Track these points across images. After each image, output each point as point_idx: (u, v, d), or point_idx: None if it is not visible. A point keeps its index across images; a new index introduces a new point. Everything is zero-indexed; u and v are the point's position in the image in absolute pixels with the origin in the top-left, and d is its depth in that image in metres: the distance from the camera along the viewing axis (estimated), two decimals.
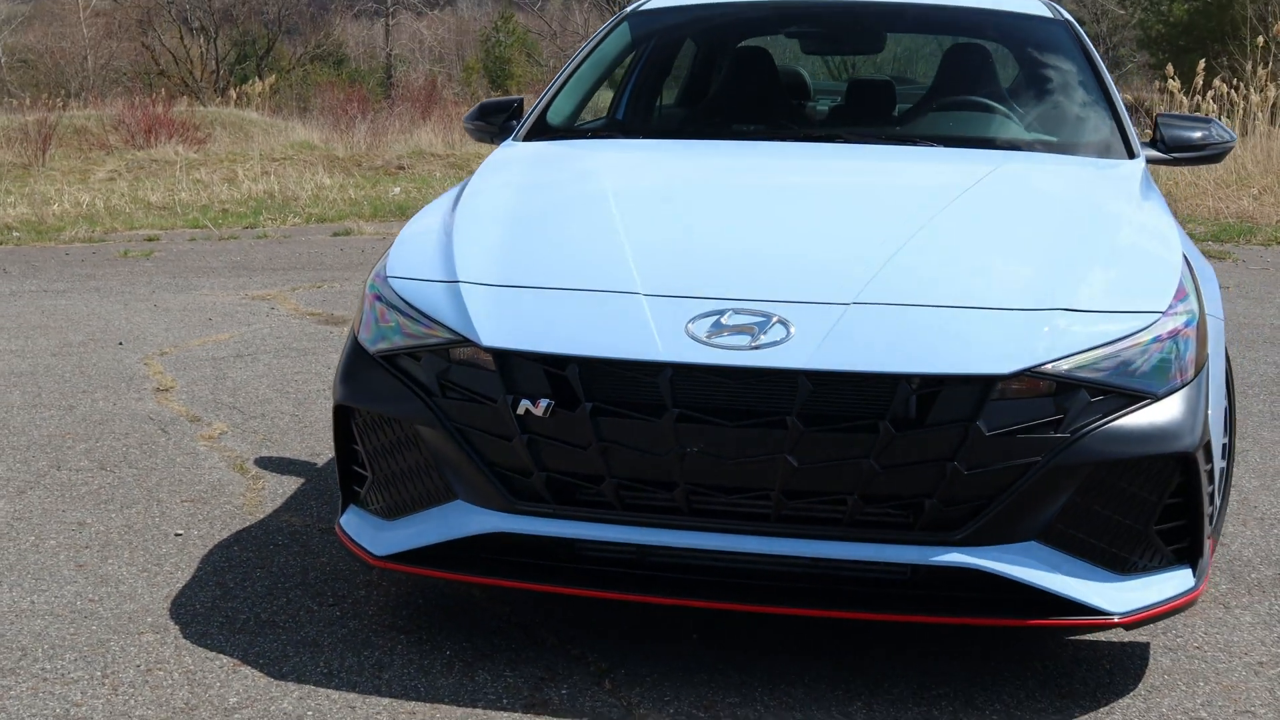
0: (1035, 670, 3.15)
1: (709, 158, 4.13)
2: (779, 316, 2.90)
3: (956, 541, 2.84)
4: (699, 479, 2.88)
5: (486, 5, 47.22)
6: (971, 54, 4.85)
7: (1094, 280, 3.06)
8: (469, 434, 3.01)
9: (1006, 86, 4.56)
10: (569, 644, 3.24)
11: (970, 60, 4.81)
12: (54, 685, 3.01)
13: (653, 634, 3.30)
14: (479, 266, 3.19)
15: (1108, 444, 2.84)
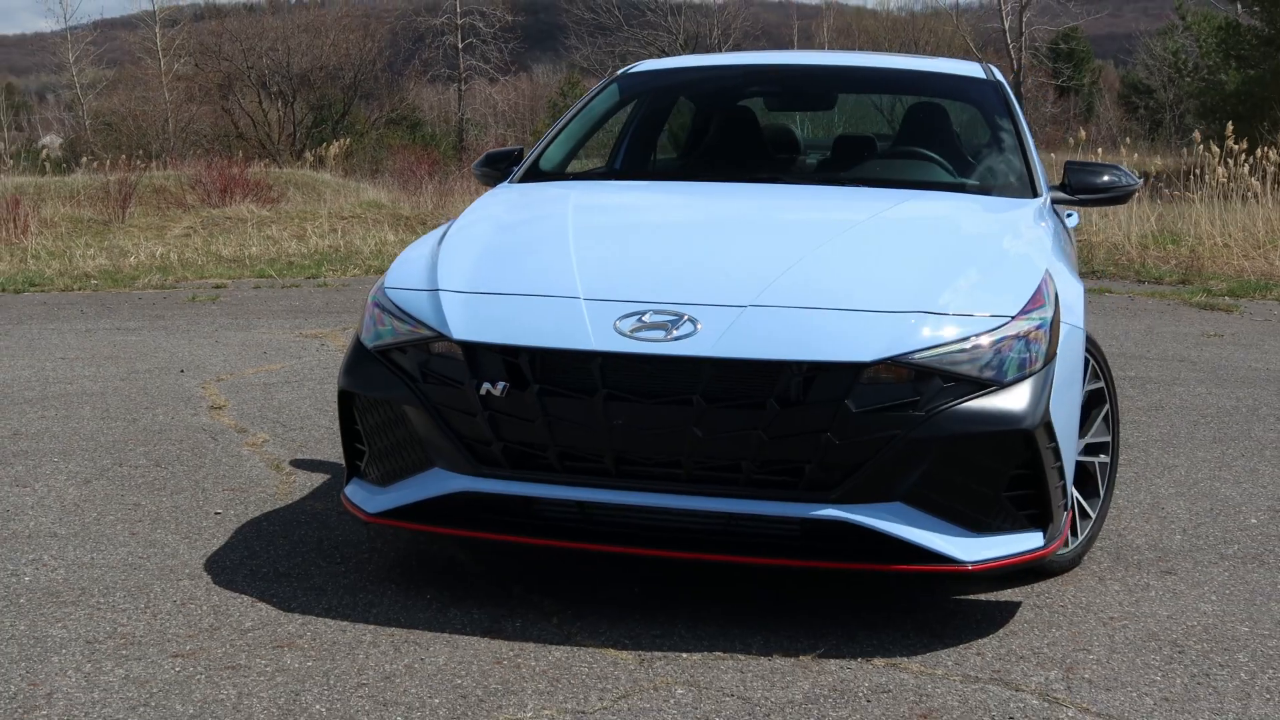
0: (914, 619, 3.76)
1: (666, 195, 4.83)
2: (689, 315, 3.57)
3: (832, 499, 3.47)
4: (624, 447, 3.54)
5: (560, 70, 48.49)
6: (925, 112, 5.51)
7: (959, 289, 3.70)
8: (443, 411, 3.70)
9: (944, 138, 5.22)
10: (530, 593, 3.90)
11: (922, 117, 5.48)
12: (106, 612, 3.71)
13: (600, 586, 3.95)
14: (456, 277, 3.89)
15: (957, 422, 3.47)
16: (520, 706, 3.14)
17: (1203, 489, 5.21)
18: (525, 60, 46.90)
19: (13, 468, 5.27)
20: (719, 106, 5.56)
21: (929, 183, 4.82)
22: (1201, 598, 3.98)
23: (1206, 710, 3.19)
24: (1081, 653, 3.53)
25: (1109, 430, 4.32)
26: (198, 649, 3.46)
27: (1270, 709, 3.20)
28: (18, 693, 3.18)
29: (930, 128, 5.38)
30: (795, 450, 3.46)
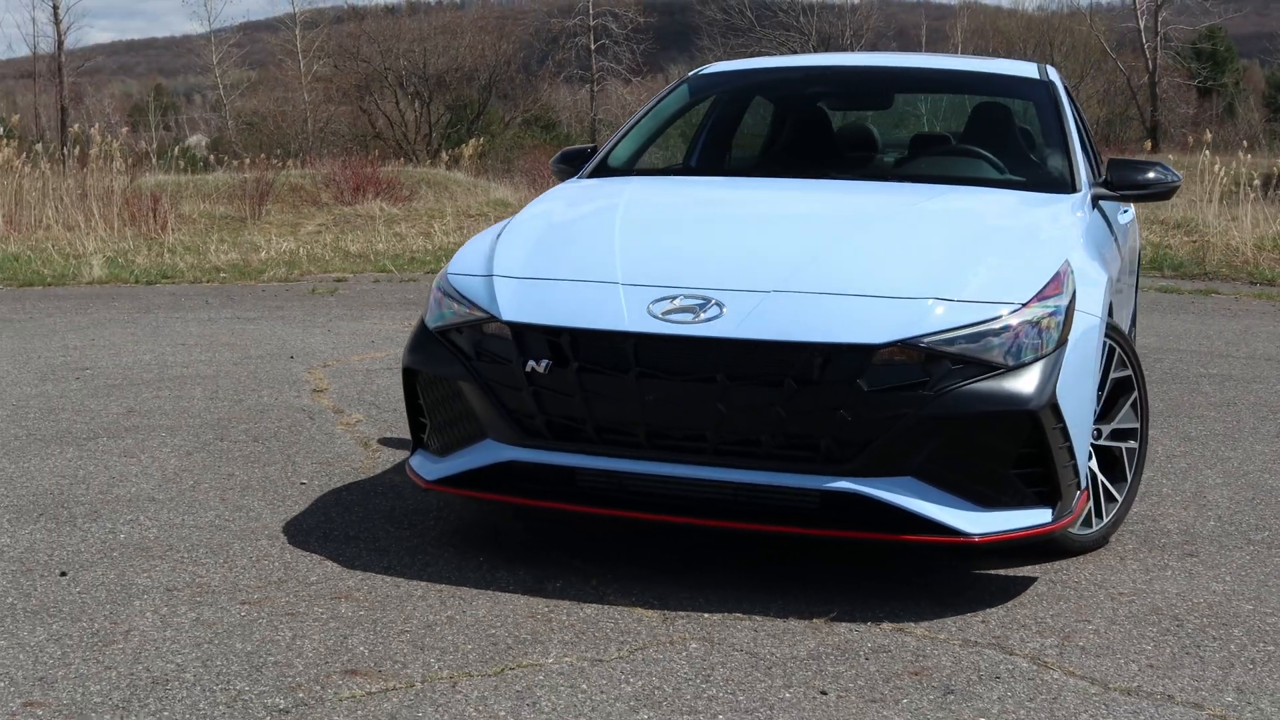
0: (929, 589, 3.99)
1: (716, 190, 5.11)
2: (716, 300, 3.85)
3: (846, 473, 3.72)
4: (654, 421, 3.83)
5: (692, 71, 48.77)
6: (987, 111, 5.71)
7: (974, 277, 3.91)
8: (493, 387, 4.02)
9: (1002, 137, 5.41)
10: (574, 558, 4.21)
11: (985, 116, 5.68)
12: (187, 565, 4.11)
13: (638, 553, 4.25)
14: (510, 264, 4.21)
15: (965, 402, 3.70)
16: (544, 654, 3.44)
17: (1251, 479, 5.33)
18: (658, 61, 47.30)
19: (123, 441, 5.72)
20: (782, 106, 5.81)
21: (974, 179, 5.02)
22: (1215, 578, 4.14)
23: (1187, 676, 3.38)
24: (1082, 623, 3.73)
25: (1137, 417, 4.49)
26: (264, 598, 3.82)
27: (1249, 677, 3.38)
28: (99, 630, 3.57)
29: (989, 126, 5.57)
30: (811, 426, 3.72)
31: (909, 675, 3.35)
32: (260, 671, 3.31)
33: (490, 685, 3.24)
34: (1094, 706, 3.18)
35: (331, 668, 3.33)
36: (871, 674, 3.35)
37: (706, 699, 3.18)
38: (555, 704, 3.14)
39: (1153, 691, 3.28)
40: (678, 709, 3.13)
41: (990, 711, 3.14)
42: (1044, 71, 5.54)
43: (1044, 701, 3.20)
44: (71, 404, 6.47)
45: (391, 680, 3.27)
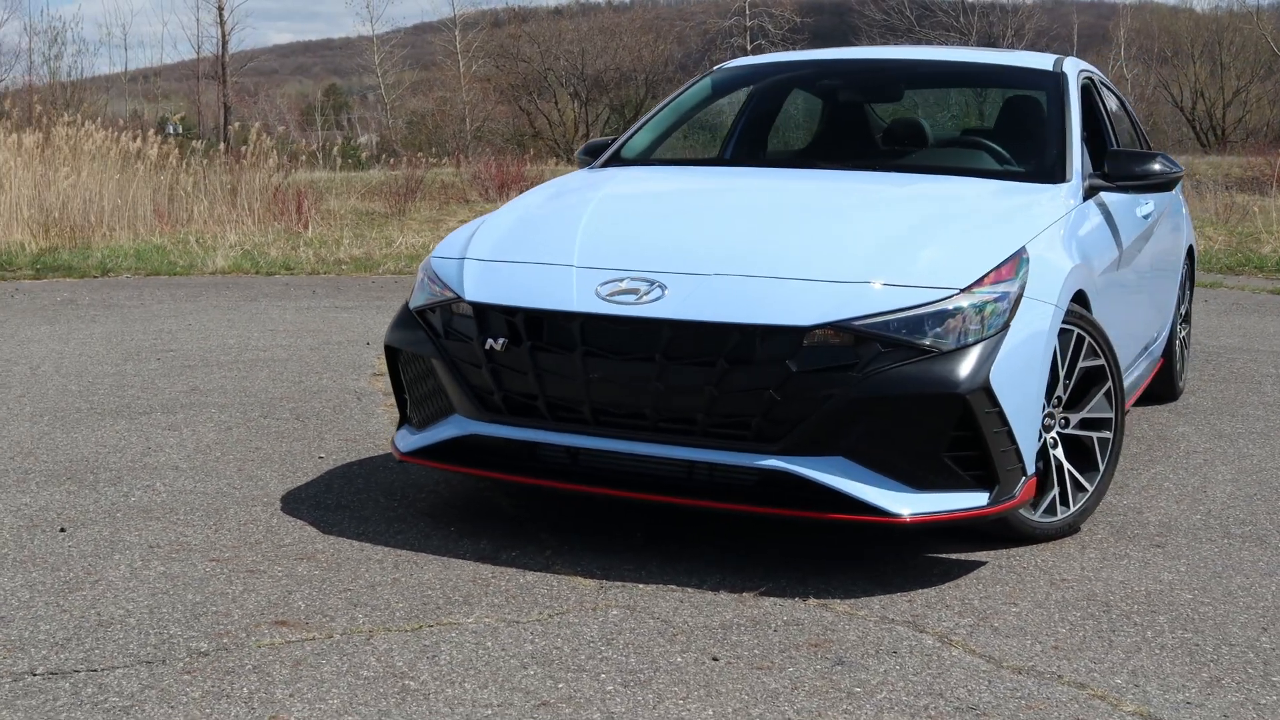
0: (873, 570, 4.07)
1: (702, 179, 5.23)
2: (660, 282, 3.99)
3: (776, 451, 3.83)
4: (599, 398, 3.99)
5: None
6: (1015, 104, 5.73)
7: (919, 261, 3.98)
8: (459, 364, 4.23)
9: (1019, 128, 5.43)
10: (541, 531, 4.39)
11: (1011, 108, 5.70)
12: (178, 526, 4.39)
13: (605, 527, 4.41)
14: (482, 248, 4.41)
15: (892, 384, 3.78)
16: (467, 614, 3.63)
17: (1262, 477, 5.28)
18: None
19: (174, 415, 6.07)
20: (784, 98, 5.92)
21: (969, 169, 5.06)
22: (1169, 569, 4.14)
23: (1087, 659, 3.42)
24: (1007, 606, 3.79)
25: (1111, 407, 4.50)
26: (233, 557, 4.08)
27: (1149, 662, 3.40)
28: (71, 578, 3.87)
29: (1011, 118, 5.60)
30: (742, 405, 3.84)
31: (808, 646, 3.45)
32: (198, 619, 3.56)
33: (402, 639, 3.44)
34: (975, 682, 3.25)
35: (264, 619, 3.57)
36: (771, 644, 3.46)
37: (598, 659, 3.34)
38: (453, 658, 3.33)
39: (1044, 671, 3.33)
40: (566, 667, 3.28)
41: (869, 683, 3.24)
42: (1059, 64, 5.54)
43: (928, 676, 3.28)
44: (142, 381, 6.86)
45: (313, 631, 3.49)
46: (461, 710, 3.03)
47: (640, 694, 3.14)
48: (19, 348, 7.87)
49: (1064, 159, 4.96)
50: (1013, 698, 3.16)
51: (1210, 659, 3.43)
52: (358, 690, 3.13)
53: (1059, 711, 3.10)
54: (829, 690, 3.18)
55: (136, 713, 2.99)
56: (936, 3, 43.45)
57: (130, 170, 17.88)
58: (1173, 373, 6.73)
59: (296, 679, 3.18)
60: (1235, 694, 3.22)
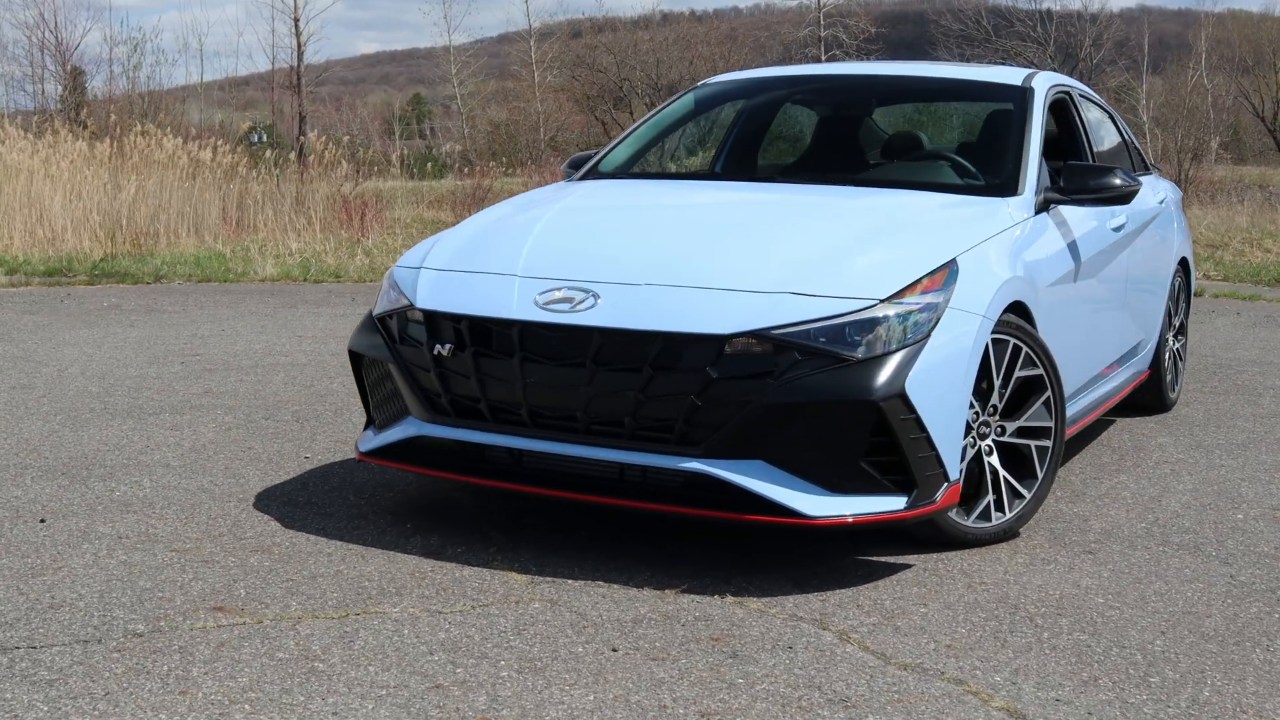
0: (799, 571, 4.22)
1: (661, 193, 5.40)
2: (595, 291, 4.18)
3: (698, 454, 4.01)
4: (534, 401, 4.19)
5: None
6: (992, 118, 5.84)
7: (844, 273, 4.14)
8: (411, 369, 4.44)
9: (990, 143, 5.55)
10: (494, 529, 4.59)
11: (989, 122, 5.82)
12: (151, 519, 4.65)
13: (558, 527, 4.60)
14: (438, 258, 4.63)
15: (807, 391, 3.93)
16: (395, 604, 3.84)
17: (1224, 488, 5.35)
18: None
19: (181, 416, 6.35)
20: (766, 115, 6.08)
21: (926, 183, 5.20)
22: (1092, 575, 4.25)
23: (976, 657, 3.55)
24: (917, 607, 3.92)
25: (1050, 416, 4.61)
26: (193, 548, 4.33)
27: (1035, 662, 3.53)
28: (36, 565, 4.13)
29: (988, 132, 5.72)
30: (666, 410, 4.02)
31: (709, 641, 3.62)
32: (143, 604, 3.80)
33: (325, 626, 3.66)
34: (857, 677, 3.40)
35: (204, 604, 3.80)
36: (674, 638, 3.63)
37: (503, 648, 3.53)
38: (367, 644, 3.53)
39: (928, 668, 3.47)
40: (471, 654, 3.48)
41: (753, 675, 3.40)
42: (1030, 80, 5.65)
43: (813, 670, 3.43)
44: (160, 384, 7.17)
45: (246, 617, 3.71)
46: (358, 690, 3.24)
47: (531, 680, 3.32)
48: (54, 350, 8.22)
49: (1018, 173, 5.08)
50: (888, 692, 3.31)
51: (1097, 660, 3.55)
52: (268, 670, 3.35)
53: (928, 706, 3.24)
54: (712, 680, 3.34)
55: (60, 685, 3.23)
56: (1014, 13, 43.18)
57: (200, 179, 18.37)
58: (1161, 384, 6.78)
59: (215, 659, 3.41)
60: (1108, 693, 3.34)
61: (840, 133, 6.05)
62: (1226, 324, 10.48)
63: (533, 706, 3.18)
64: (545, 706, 3.18)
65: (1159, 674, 3.47)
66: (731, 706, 3.20)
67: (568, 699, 3.22)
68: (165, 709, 3.12)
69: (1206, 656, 3.59)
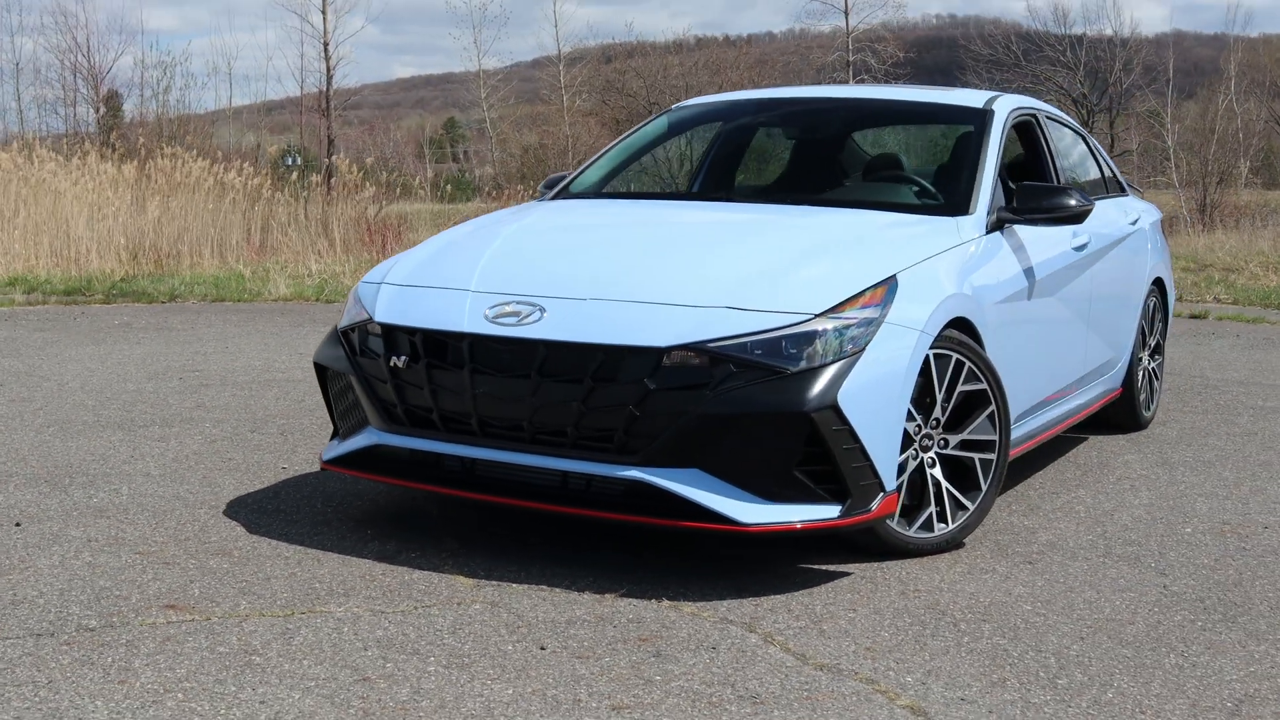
0: (738, 578, 4.35)
1: (621, 211, 5.55)
2: (542, 306, 4.33)
3: (637, 462, 4.15)
4: (483, 411, 4.34)
5: None
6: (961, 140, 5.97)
7: (782, 287, 4.27)
8: (370, 380, 4.60)
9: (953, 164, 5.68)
10: (451, 537, 4.74)
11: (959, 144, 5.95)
12: (122, 524, 4.82)
13: (502, 533, 4.75)
14: (399, 273, 4.79)
15: (742, 403, 4.07)
16: (341, 604, 3.99)
17: (1179, 503, 5.45)
18: None
19: (169, 429, 6.54)
20: (735, 135, 6.24)
21: (883, 202, 5.34)
22: (1025, 583, 4.36)
23: (892, 659, 3.67)
24: (847, 612, 4.05)
25: (995, 430, 4.73)
26: (158, 551, 4.49)
27: (949, 664, 3.64)
28: (5, 564, 4.31)
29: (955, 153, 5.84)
30: (607, 420, 4.16)
31: (637, 641, 3.75)
32: (99, 601, 3.96)
33: (270, 623, 3.81)
34: (772, 676, 3.52)
35: (158, 603, 3.96)
36: (603, 638, 3.77)
37: (436, 645, 3.67)
38: (306, 640, 3.69)
39: (844, 669, 3.59)
40: (403, 651, 3.62)
41: (672, 673, 3.53)
42: (991, 103, 5.78)
43: (731, 669, 3.56)
44: (155, 398, 7.36)
45: (195, 614, 3.87)
46: (289, 681, 3.39)
47: (456, 675, 3.47)
48: (58, 366, 8.44)
49: (970, 193, 5.21)
50: (799, 690, 3.43)
51: (1011, 663, 3.66)
52: (207, 663, 3.50)
53: (835, 703, 3.36)
54: (630, 678, 3.48)
55: (6, 674, 3.39)
56: (1044, 38, 43.22)
57: (224, 201, 18.65)
58: (1134, 403, 6.87)
59: (159, 652, 3.57)
60: (1013, 693, 3.45)
61: (808, 154, 6.19)
62: (1224, 346, 10.54)
63: (452, 699, 3.32)
64: (464, 699, 3.32)
65: (1068, 676, 3.58)
66: (644, 701, 3.33)
67: (487, 692, 3.36)
68: (103, 696, 3.27)
69: (1119, 660, 3.70)
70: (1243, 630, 3.97)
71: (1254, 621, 4.05)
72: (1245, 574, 4.54)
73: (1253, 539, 4.97)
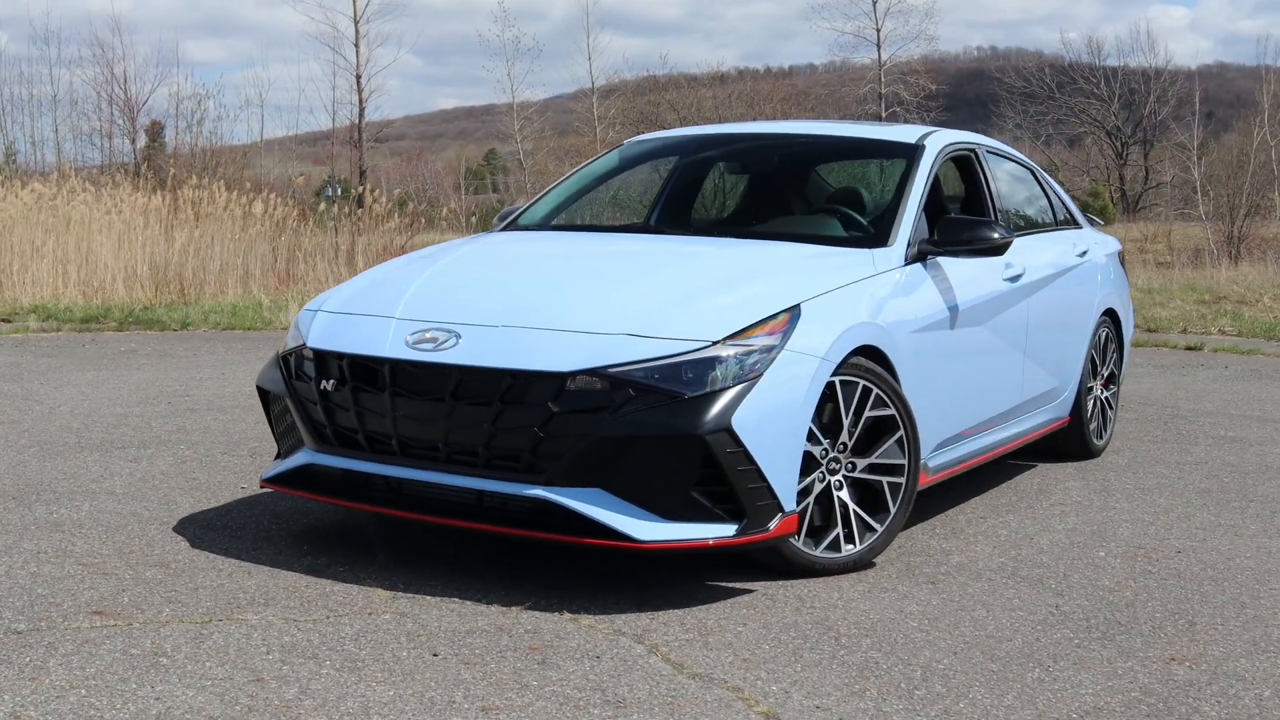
0: (646, 594, 4.56)
1: (552, 243, 5.79)
2: (458, 332, 4.57)
3: (542, 481, 4.37)
4: (403, 433, 4.58)
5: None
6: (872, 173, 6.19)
7: (685, 316, 4.49)
8: (303, 403, 4.86)
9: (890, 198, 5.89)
10: (384, 552, 4.98)
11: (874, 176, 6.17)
12: (74, 538, 5.08)
13: (435, 550, 4.98)
14: (335, 301, 5.05)
15: (639, 424, 4.29)
16: (257, 612, 4.23)
17: (1102, 529, 5.61)
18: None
19: (145, 450, 6.82)
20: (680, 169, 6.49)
21: (811, 234, 5.56)
22: (919, 601, 4.55)
23: (763, 670, 3.86)
24: (737, 626, 4.24)
25: (904, 454, 4.92)
26: (101, 563, 4.75)
27: (818, 674, 3.83)
28: None
29: (882, 188, 6.06)
30: (514, 441, 4.39)
31: (527, 650, 3.97)
32: (33, 607, 4.22)
33: (185, 628, 4.06)
34: (644, 683, 3.73)
35: (87, 609, 4.22)
36: (495, 646, 3.98)
37: (335, 651, 3.90)
38: (215, 644, 3.92)
39: (715, 677, 3.79)
40: (303, 655, 3.86)
41: (550, 678, 3.74)
42: (924, 138, 5.99)
43: (606, 677, 3.77)
44: (139, 422, 7.65)
45: (118, 620, 4.12)
46: (187, 681, 3.63)
47: (345, 677, 3.69)
48: (53, 390, 8.75)
49: (891, 225, 5.42)
50: (664, 696, 3.63)
51: (878, 675, 3.85)
52: (116, 663, 3.74)
53: (696, 708, 3.56)
54: (508, 682, 3.69)
55: None
56: (1078, 70, 43.27)
57: (251, 230, 19.05)
58: (1083, 431, 7.03)
59: (75, 653, 3.81)
60: (868, 702, 3.64)
61: (752, 188, 6.42)
62: (1208, 377, 10.66)
63: (334, 699, 3.54)
64: (345, 699, 3.54)
65: (927, 687, 3.76)
66: (515, 704, 3.55)
67: (370, 693, 3.59)
68: (11, 691, 3.52)
69: (983, 674, 3.88)
70: (1117, 648, 4.14)
71: (1131, 640, 4.22)
72: (1141, 595, 4.70)
73: (1161, 563, 5.12)
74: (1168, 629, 4.34)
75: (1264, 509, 6.05)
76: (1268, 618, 4.47)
